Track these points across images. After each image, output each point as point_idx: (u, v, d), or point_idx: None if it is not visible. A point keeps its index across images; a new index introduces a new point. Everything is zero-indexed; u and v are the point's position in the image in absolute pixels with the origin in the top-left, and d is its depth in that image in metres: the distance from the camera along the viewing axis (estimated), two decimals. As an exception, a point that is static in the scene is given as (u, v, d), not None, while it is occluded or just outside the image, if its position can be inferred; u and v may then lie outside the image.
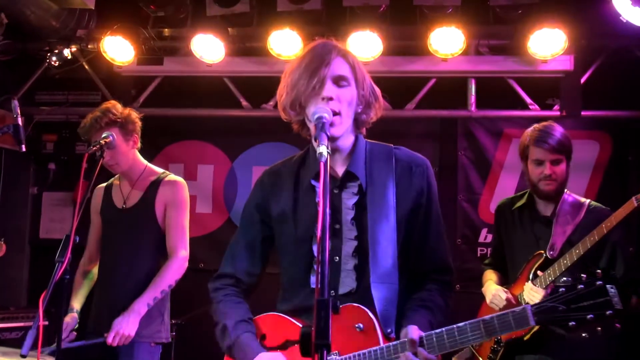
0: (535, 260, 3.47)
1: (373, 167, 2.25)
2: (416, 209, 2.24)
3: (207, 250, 5.93)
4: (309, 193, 2.27)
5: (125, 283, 3.62)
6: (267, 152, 5.98)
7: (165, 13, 5.46)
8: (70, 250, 2.69)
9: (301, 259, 2.25)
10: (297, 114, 2.22)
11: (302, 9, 5.22)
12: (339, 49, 2.19)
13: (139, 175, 3.80)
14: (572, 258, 3.27)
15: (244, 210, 2.47)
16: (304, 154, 2.39)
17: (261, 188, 2.41)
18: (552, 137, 3.44)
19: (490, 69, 5.30)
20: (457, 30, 4.89)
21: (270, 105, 5.60)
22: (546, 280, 3.37)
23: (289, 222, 2.29)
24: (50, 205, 6.25)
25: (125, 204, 3.75)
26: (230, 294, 2.36)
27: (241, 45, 5.51)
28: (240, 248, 2.42)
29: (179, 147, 6.16)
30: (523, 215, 3.64)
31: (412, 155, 2.33)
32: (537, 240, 3.52)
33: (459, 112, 5.49)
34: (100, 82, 5.84)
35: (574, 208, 3.47)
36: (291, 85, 2.18)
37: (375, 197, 2.20)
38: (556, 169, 3.44)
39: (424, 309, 2.17)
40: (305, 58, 2.16)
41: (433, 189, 2.29)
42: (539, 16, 5.03)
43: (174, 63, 5.61)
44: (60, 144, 6.20)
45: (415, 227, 2.25)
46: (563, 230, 3.42)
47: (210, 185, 6.09)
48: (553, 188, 3.46)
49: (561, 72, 5.20)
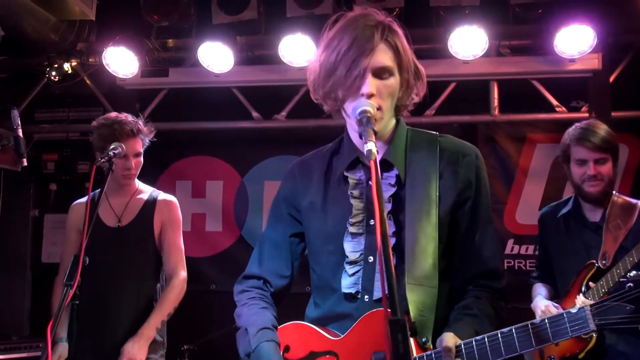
0: (587, 270, 3.18)
1: (413, 156, 1.99)
2: (462, 203, 1.97)
3: (219, 271, 5.69)
4: (341, 185, 2.03)
5: (126, 306, 3.41)
6: (279, 165, 5.72)
7: (169, 23, 5.24)
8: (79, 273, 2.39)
9: (330, 257, 2.01)
10: (333, 104, 1.95)
11: (312, 13, 5.00)
12: (382, 30, 1.88)
13: (134, 192, 3.60)
14: (625, 266, 2.99)
15: (272, 206, 2.24)
16: (338, 142, 2.15)
17: (290, 179, 2.18)
18: (595, 134, 3.20)
19: (514, 70, 5.05)
20: (478, 30, 4.63)
21: (282, 115, 5.33)
22: (599, 292, 3.09)
23: (318, 216, 2.05)
24: (52, 228, 5.96)
25: (120, 222, 3.52)
26: (256, 297, 2.13)
27: (250, 53, 5.27)
28: (267, 246, 2.20)
29: (185, 163, 5.90)
30: (569, 222, 3.37)
31: (459, 144, 2.05)
32: (587, 249, 3.24)
33: (482, 116, 5.22)
34: (102, 97, 5.59)
35: (624, 211, 3.19)
36: (326, 72, 1.90)
37: (415, 189, 1.94)
38: (601, 169, 3.20)
39: (469, 317, 1.89)
40: (344, 39, 1.86)
41: (483, 181, 2.00)
42: (562, 14, 4.80)
43: (179, 74, 5.35)
44: (61, 163, 5.92)
45: (461, 225, 1.97)
46: (614, 237, 3.14)
47: (220, 202, 5.81)
48: (600, 189, 3.20)
49: (589, 72, 4.94)
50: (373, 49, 1.85)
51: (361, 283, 1.93)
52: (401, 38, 1.94)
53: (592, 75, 4.96)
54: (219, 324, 5.31)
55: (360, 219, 1.96)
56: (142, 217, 3.52)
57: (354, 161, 2.01)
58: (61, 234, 5.88)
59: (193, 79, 5.34)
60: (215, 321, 5.28)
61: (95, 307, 3.37)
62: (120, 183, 3.50)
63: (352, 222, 1.96)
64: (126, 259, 3.46)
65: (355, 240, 1.95)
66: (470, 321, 1.87)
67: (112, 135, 3.37)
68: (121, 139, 3.34)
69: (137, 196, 3.59)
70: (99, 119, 3.51)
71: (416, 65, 1.98)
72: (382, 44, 1.87)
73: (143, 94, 5.55)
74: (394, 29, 1.93)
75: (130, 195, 3.57)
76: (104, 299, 3.40)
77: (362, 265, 1.94)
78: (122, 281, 3.42)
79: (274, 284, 2.16)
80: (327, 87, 1.91)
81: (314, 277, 2.11)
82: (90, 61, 5.45)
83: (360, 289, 1.93)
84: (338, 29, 1.92)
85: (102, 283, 3.41)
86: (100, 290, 3.41)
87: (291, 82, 5.20)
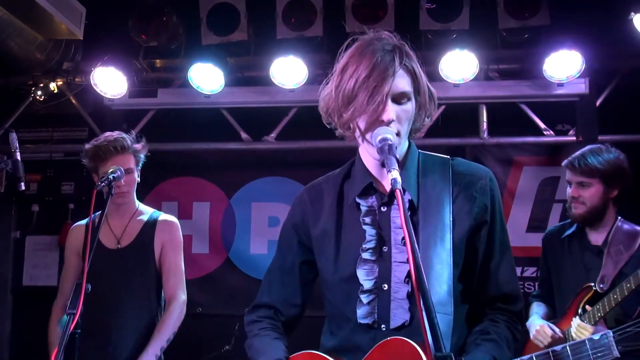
0: (585, 293, 3.20)
1: (427, 181, 1.97)
2: (478, 227, 1.94)
3: (205, 293, 5.61)
4: (353, 211, 2.00)
5: (127, 329, 3.32)
6: (267, 187, 5.70)
7: (157, 43, 5.20)
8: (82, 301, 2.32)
9: (343, 285, 1.97)
10: (351, 130, 1.93)
11: (302, 35, 5.02)
12: (400, 56, 1.86)
13: (133, 212, 3.54)
14: (622, 293, 2.99)
15: (282, 232, 2.20)
16: (349, 167, 2.12)
17: (300, 206, 2.14)
18: (583, 159, 3.28)
19: (503, 94, 5.08)
20: (469, 54, 4.67)
21: (272, 137, 5.30)
22: (595, 316, 3.09)
23: (330, 243, 2.01)
24: (33, 250, 5.81)
25: (120, 244, 3.44)
26: (267, 327, 2.09)
27: (239, 74, 5.24)
28: (277, 275, 2.16)
29: (172, 184, 5.82)
30: (572, 244, 3.40)
31: (472, 167, 2.03)
32: (587, 272, 3.26)
33: (471, 139, 5.24)
34: (88, 117, 5.51)
35: (628, 237, 3.21)
36: (344, 99, 1.87)
37: (428, 214, 1.91)
38: (583, 192, 3.27)
39: (487, 342, 1.88)
40: (362, 64, 1.83)
41: (498, 205, 1.99)
42: (549, 39, 4.87)
43: (168, 95, 5.30)
44: (45, 184, 5.79)
45: (477, 249, 1.95)
46: (615, 261, 3.15)
47: (207, 224, 5.74)
48: (580, 212, 3.29)
49: (576, 96, 5.01)
50: (393, 74, 1.83)
51: (377, 312, 1.90)
52: (415, 60, 1.93)
53: (579, 100, 5.03)
54: (205, 347, 5.23)
55: (373, 246, 1.93)
56: (142, 238, 3.45)
57: (366, 187, 1.99)
58: (43, 257, 5.79)
59: (182, 99, 5.29)
60: (202, 345, 5.19)
61: (95, 331, 3.25)
62: (116, 203, 3.42)
63: (365, 249, 1.93)
64: (126, 281, 3.37)
65: (368, 267, 1.92)
66: (489, 347, 1.85)
67: (97, 154, 3.33)
68: (108, 157, 3.29)
69: (137, 217, 3.52)
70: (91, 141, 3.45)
71: (429, 87, 1.97)
72: (401, 69, 1.86)
73: (130, 114, 5.48)
74: (409, 52, 1.92)
75: (130, 217, 3.50)
76: (104, 322, 3.30)
77: (376, 294, 1.90)
78: (123, 304, 3.33)
79: (285, 313, 2.13)
80: (347, 114, 1.87)
81: (328, 305, 2.07)
82: (76, 81, 5.37)
83: (376, 318, 1.90)
84: (353, 54, 1.90)
85: (102, 306, 3.30)
86: (100, 313, 3.29)
87: (281, 103, 5.19)
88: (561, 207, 5.45)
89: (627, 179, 3.27)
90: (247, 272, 5.61)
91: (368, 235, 1.94)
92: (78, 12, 4.73)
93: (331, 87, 1.94)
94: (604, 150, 3.30)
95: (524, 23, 4.85)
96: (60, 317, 3.52)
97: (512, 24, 4.85)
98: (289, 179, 5.63)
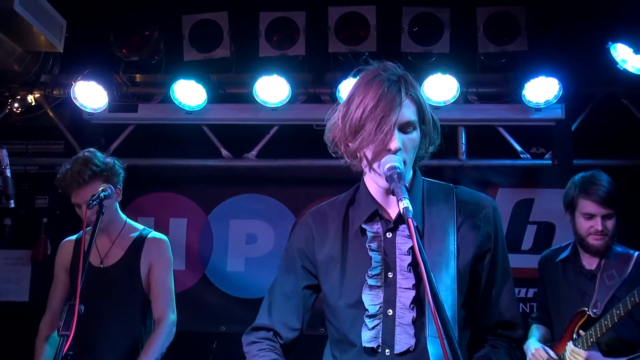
0: (579, 317, 3.25)
1: (432, 208, 2.01)
2: (482, 255, 1.98)
3: (180, 310, 5.40)
4: (359, 237, 2.02)
5: (108, 350, 3.28)
6: (245, 204, 5.68)
7: (138, 58, 5.17)
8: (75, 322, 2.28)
9: (348, 310, 1.98)
10: (358, 159, 1.96)
11: (285, 54, 5.02)
12: (406, 86, 1.92)
13: (120, 230, 3.49)
14: (613, 319, 3.05)
15: (285, 255, 2.21)
16: (353, 192, 2.15)
17: (304, 230, 2.15)
18: (607, 190, 3.24)
19: (482, 117, 5.17)
20: (451, 78, 4.75)
21: (253, 154, 5.29)
22: (588, 341, 3.15)
23: (336, 268, 2.03)
24: (5, 265, 5.68)
25: (103, 263, 3.40)
26: (266, 349, 2.09)
27: (222, 91, 5.23)
28: (278, 297, 2.16)
29: (149, 199, 5.76)
30: (567, 268, 3.45)
31: (475, 196, 2.08)
32: (581, 296, 3.32)
33: (450, 161, 5.30)
34: (66, 131, 5.44)
35: (621, 261, 3.27)
36: (352, 128, 1.90)
37: (433, 241, 1.95)
38: (608, 224, 3.26)
39: None
40: (369, 94, 1.87)
41: (500, 234, 2.04)
42: (526, 64, 4.98)
43: (149, 110, 5.26)
44: (18, 198, 5.60)
45: (480, 277, 1.99)
46: (608, 286, 3.21)
47: (184, 240, 5.68)
48: (603, 243, 3.28)
49: (552, 121, 5.11)
50: (400, 104, 1.86)
51: (381, 337, 1.91)
52: (419, 90, 1.98)
53: (556, 124, 5.13)
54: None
55: (379, 272, 1.95)
56: (129, 256, 3.41)
57: (372, 214, 2.01)
58: (15, 271, 5.67)
59: (163, 115, 5.25)
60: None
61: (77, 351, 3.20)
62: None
63: (371, 275, 1.95)
64: (110, 300, 3.32)
65: (374, 292, 1.94)
66: None
67: (59, 187, 3.32)
68: (70, 192, 3.28)
69: (125, 235, 3.47)
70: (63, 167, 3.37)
71: (433, 116, 2.02)
72: (407, 99, 1.90)
73: (109, 129, 5.43)
74: (413, 82, 1.97)
75: (117, 234, 3.45)
76: (88, 341, 3.25)
77: (381, 319, 1.92)
78: (105, 323, 3.28)
79: (284, 336, 2.13)
80: (354, 143, 1.90)
81: (332, 329, 2.08)
82: (54, 93, 5.30)
83: (380, 342, 1.91)
84: (359, 85, 1.94)
85: (86, 325, 3.18)
86: (83, 332, 3.19)
87: (263, 121, 5.19)
88: (535, 228, 5.55)
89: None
90: (223, 290, 5.57)
91: (374, 261, 1.96)
92: (59, 24, 4.68)
93: (337, 117, 1.97)
94: (605, 176, 3.32)
95: (502, 48, 4.92)
96: (48, 334, 3.46)
97: (491, 48, 4.93)
98: (268, 197, 5.63)
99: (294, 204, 5.60)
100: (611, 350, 3.17)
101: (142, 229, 3.55)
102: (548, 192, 5.47)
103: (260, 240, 5.60)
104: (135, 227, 3.55)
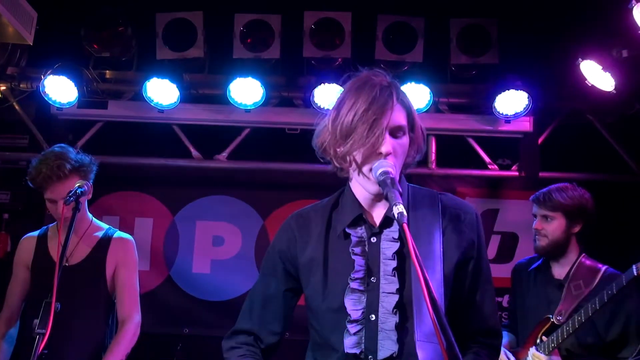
0: (543, 324, 3.35)
1: (417, 213, 2.00)
2: (465, 262, 2.00)
3: (144, 311, 5.34)
4: (342, 241, 2.01)
5: (73, 351, 3.21)
6: (212, 205, 5.62)
7: (110, 54, 5.09)
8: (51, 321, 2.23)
9: (330, 314, 1.97)
10: (346, 163, 1.96)
11: (259, 57, 5.01)
12: (397, 91, 1.94)
13: (86, 229, 3.42)
14: (574, 325, 3.17)
15: (266, 258, 2.18)
16: (337, 196, 2.14)
17: (287, 233, 2.13)
18: (548, 194, 3.43)
19: (452, 127, 5.24)
20: (424, 87, 4.80)
21: (224, 155, 5.26)
22: (549, 346, 3.26)
23: (318, 272, 2.01)
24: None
25: (68, 261, 3.31)
26: (246, 354, 2.07)
27: (194, 91, 5.19)
28: (259, 301, 2.14)
29: (114, 198, 5.65)
30: (538, 277, 3.54)
31: (460, 202, 2.10)
32: (548, 304, 3.40)
33: (420, 169, 5.34)
34: (32, 125, 5.32)
35: (588, 273, 3.35)
36: (343, 132, 1.90)
37: (419, 245, 1.90)
38: (546, 226, 3.41)
39: None
40: (361, 99, 1.88)
41: (483, 241, 2.06)
42: (496, 76, 5.06)
43: (120, 107, 5.19)
44: (-21, 193, 5.54)
45: (463, 283, 2.00)
46: (574, 296, 3.30)
47: (149, 241, 5.58)
48: (543, 244, 3.42)
49: (520, 133, 5.22)
50: (392, 109, 1.88)
51: (364, 343, 1.90)
52: (407, 97, 2.00)
53: (523, 137, 5.23)
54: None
55: (362, 276, 1.94)
56: (94, 256, 3.35)
57: (356, 218, 2.01)
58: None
59: (134, 112, 5.19)
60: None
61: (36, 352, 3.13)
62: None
63: (354, 279, 1.94)
64: (74, 298, 3.22)
65: (356, 297, 1.93)
66: None
67: (34, 182, 3.22)
68: (46, 186, 3.19)
69: (91, 233, 3.41)
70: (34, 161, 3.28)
71: (420, 124, 2.03)
72: (397, 104, 1.92)
73: (77, 124, 5.33)
74: (402, 89, 2.00)
75: (82, 233, 3.39)
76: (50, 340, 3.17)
77: (364, 324, 1.91)
78: (68, 322, 3.18)
79: (265, 341, 2.11)
80: (344, 147, 1.90)
81: (313, 334, 2.06)
82: (21, 87, 5.19)
83: (363, 348, 1.90)
84: (350, 89, 1.95)
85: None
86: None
87: (236, 123, 5.18)
88: (499, 238, 5.63)
89: (589, 215, 3.41)
90: (188, 292, 5.50)
91: (357, 265, 1.95)
92: (30, 16, 4.55)
93: (327, 121, 1.97)
94: (570, 188, 3.45)
95: (474, 60, 5.00)
96: (4, 331, 3.38)
97: (463, 60, 5.00)
98: (237, 199, 5.59)
99: (263, 207, 5.57)
100: (570, 355, 3.27)
101: (108, 228, 3.50)
102: (513, 203, 5.55)
103: (227, 242, 5.56)
104: (100, 226, 3.50)
